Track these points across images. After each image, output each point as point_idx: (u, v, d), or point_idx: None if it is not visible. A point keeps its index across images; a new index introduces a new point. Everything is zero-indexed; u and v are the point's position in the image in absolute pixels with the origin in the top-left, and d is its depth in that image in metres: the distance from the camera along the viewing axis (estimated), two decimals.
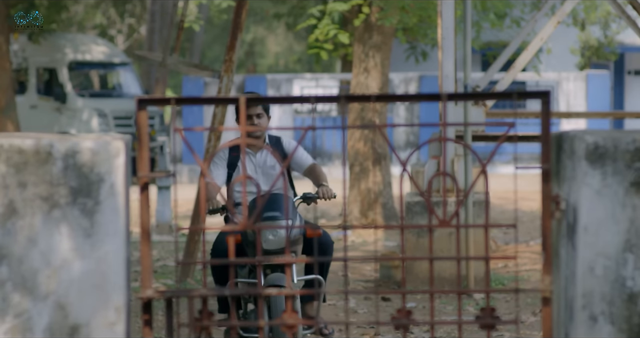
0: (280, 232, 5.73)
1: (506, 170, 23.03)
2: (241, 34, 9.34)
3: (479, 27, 15.01)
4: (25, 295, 2.96)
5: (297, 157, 6.47)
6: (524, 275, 9.84)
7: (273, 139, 6.46)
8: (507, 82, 9.87)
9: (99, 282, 2.98)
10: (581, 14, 22.30)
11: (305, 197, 6.20)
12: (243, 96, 2.93)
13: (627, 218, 3.02)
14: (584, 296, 3.02)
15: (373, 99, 2.90)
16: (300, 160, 6.46)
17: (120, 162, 3.00)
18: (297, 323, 2.98)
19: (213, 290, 2.98)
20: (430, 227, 2.96)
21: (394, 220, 13.41)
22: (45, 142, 2.97)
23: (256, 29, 37.69)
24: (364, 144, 13.48)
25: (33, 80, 21.48)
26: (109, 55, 22.43)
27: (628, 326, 3.02)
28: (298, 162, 6.48)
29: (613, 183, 3.02)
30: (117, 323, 2.99)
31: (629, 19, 10.68)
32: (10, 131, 14.69)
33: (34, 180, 2.97)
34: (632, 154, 3.01)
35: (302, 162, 6.46)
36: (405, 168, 2.91)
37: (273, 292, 3.06)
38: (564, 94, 24.22)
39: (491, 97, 3.01)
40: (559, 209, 3.13)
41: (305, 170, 6.45)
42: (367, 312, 8.32)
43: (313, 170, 6.39)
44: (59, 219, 2.97)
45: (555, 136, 3.24)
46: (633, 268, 3.01)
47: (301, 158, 6.48)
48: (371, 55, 13.32)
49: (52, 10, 19.26)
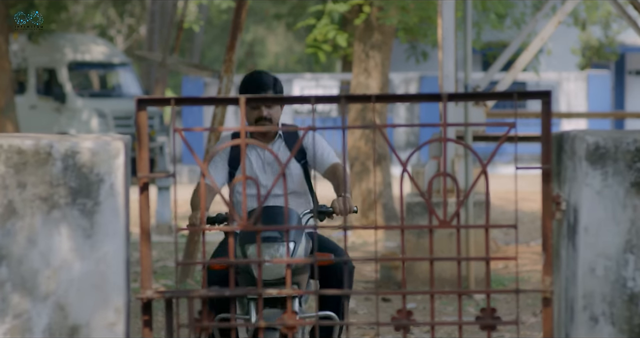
0: (280, 257, 4.66)
1: (507, 171, 23.02)
2: (241, 34, 9.33)
3: (479, 27, 15.00)
4: (25, 295, 2.95)
5: (318, 153, 5.33)
6: (525, 276, 9.83)
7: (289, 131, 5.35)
8: (507, 82, 9.86)
9: (98, 283, 2.97)
10: (582, 14, 22.30)
11: (316, 210, 4.94)
12: (243, 96, 2.93)
13: (627, 218, 3.01)
14: (585, 297, 3.02)
15: (373, 99, 2.89)
16: (321, 157, 5.32)
17: (120, 162, 2.99)
18: (297, 324, 2.97)
19: (213, 290, 2.97)
20: (431, 227, 2.95)
21: (394, 220, 13.40)
22: (44, 143, 2.97)
23: (256, 29, 37.68)
24: (365, 143, 13.47)
25: (32, 81, 21.48)
26: (108, 55, 22.43)
27: (629, 327, 3.01)
28: (318, 160, 5.33)
29: (614, 184, 3.01)
30: (117, 323, 2.98)
31: (630, 19, 10.68)
32: (9, 131, 14.68)
33: (33, 180, 2.96)
34: (632, 154, 3.01)
35: (323, 160, 5.31)
36: (406, 168, 2.90)
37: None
38: (564, 94, 24.21)
39: (492, 97, 3.00)
40: (559, 210, 3.12)
41: (325, 170, 5.30)
42: (367, 312, 8.31)
43: (334, 172, 5.24)
44: (59, 220, 2.97)
45: (556, 136, 3.23)
46: (634, 269, 3.01)
47: (322, 155, 5.34)
48: (371, 55, 13.31)
49: (52, 10, 19.26)
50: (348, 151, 13.65)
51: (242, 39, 34.19)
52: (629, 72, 27.69)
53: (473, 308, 8.36)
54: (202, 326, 2.95)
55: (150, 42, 25.82)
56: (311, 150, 5.33)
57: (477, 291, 2.97)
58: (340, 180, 5.16)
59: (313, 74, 25.06)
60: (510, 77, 9.85)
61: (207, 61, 36.50)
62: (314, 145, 5.23)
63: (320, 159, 5.32)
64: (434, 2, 12.00)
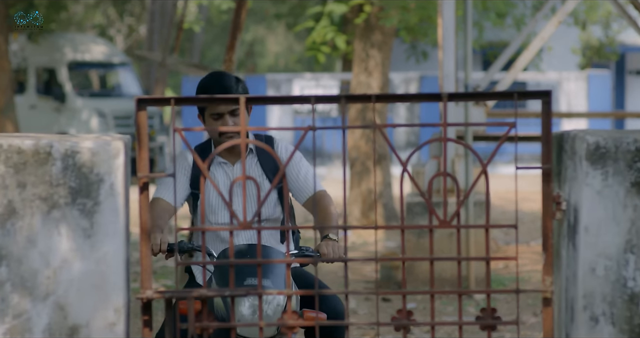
0: (267, 309, 3.86)
1: (507, 171, 23.01)
2: (241, 34, 9.34)
3: (480, 26, 15.01)
4: (25, 295, 2.95)
5: (295, 174, 4.34)
6: (525, 276, 9.83)
7: (262, 140, 4.40)
8: (508, 82, 9.86)
9: (98, 283, 2.97)
10: (582, 13, 22.29)
11: (301, 254, 4.08)
12: (243, 96, 2.92)
13: (628, 218, 3.01)
14: (585, 297, 3.02)
15: (373, 98, 2.89)
16: (304, 181, 4.33)
17: (120, 162, 2.99)
18: (297, 325, 2.97)
19: (213, 290, 2.97)
20: (431, 227, 2.95)
21: (394, 220, 13.40)
22: (44, 142, 2.96)
23: (256, 29, 37.68)
24: (365, 143, 13.47)
25: (32, 80, 21.48)
26: (108, 55, 22.43)
27: (629, 327, 3.01)
28: (297, 184, 4.34)
29: (614, 184, 3.01)
30: (117, 323, 2.98)
31: (630, 19, 10.67)
32: (9, 131, 14.68)
33: (33, 180, 2.96)
34: (633, 154, 3.01)
35: (306, 185, 4.33)
36: (406, 168, 2.90)
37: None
38: (564, 94, 24.21)
39: (492, 97, 3.00)
40: (559, 209, 3.12)
41: (307, 199, 4.32)
42: (367, 312, 8.31)
43: (319, 203, 4.20)
44: (59, 220, 2.96)
45: (556, 136, 3.23)
46: (634, 269, 3.00)
47: (305, 179, 4.34)
48: (372, 55, 13.31)
49: (52, 10, 19.26)
50: (348, 151, 13.65)
51: (242, 39, 34.20)
52: (629, 72, 27.69)
53: (473, 308, 8.36)
54: (202, 326, 2.95)
55: (150, 42, 25.82)
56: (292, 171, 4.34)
57: (477, 291, 2.97)
58: (327, 216, 4.17)
59: (313, 74, 25.06)
60: (511, 76, 9.85)
61: (207, 61, 36.49)
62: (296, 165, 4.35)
63: (304, 182, 4.34)
64: (434, 2, 12.00)
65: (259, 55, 40.52)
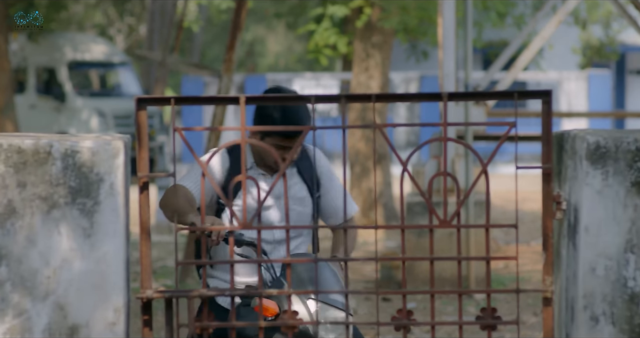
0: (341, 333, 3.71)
1: (507, 170, 23.01)
2: (241, 33, 9.33)
3: (480, 26, 15.01)
4: (25, 295, 2.95)
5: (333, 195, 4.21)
6: (525, 276, 9.83)
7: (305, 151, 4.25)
8: (508, 82, 9.86)
9: (98, 282, 2.97)
10: (583, 13, 22.30)
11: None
12: (243, 96, 2.92)
13: (628, 218, 3.01)
14: (585, 296, 3.01)
15: (373, 98, 2.89)
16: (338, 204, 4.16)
17: (120, 162, 2.99)
18: (297, 325, 2.96)
19: (213, 289, 2.96)
20: (431, 227, 2.95)
21: (394, 220, 13.39)
22: (44, 142, 2.96)
23: (256, 28, 37.67)
24: (365, 143, 13.47)
25: (32, 80, 21.48)
26: (108, 54, 22.43)
27: (629, 327, 3.01)
28: (331, 205, 4.22)
29: (614, 184, 3.01)
30: (117, 323, 2.97)
31: (631, 19, 10.67)
32: (9, 131, 14.67)
33: (33, 180, 2.96)
34: (633, 153, 3.00)
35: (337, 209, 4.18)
36: (406, 168, 2.90)
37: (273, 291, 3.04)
38: (565, 94, 24.21)
39: (492, 96, 2.99)
40: (560, 209, 3.12)
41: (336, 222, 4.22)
42: (367, 312, 8.30)
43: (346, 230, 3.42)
44: (59, 219, 2.96)
45: (557, 136, 3.23)
46: (634, 269, 3.00)
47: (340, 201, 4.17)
48: (372, 55, 13.31)
49: (52, 10, 19.26)
50: (348, 151, 13.64)
51: (242, 39, 34.16)
52: (629, 72, 27.69)
53: (473, 308, 8.36)
54: (202, 325, 2.95)
55: (150, 42, 25.80)
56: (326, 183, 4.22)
57: (477, 291, 2.96)
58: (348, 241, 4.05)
59: (313, 74, 25.06)
60: (511, 76, 9.85)
61: (207, 61, 36.48)
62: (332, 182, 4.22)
63: (335, 203, 4.22)
64: (434, 2, 12.00)
65: (259, 54, 40.51)
